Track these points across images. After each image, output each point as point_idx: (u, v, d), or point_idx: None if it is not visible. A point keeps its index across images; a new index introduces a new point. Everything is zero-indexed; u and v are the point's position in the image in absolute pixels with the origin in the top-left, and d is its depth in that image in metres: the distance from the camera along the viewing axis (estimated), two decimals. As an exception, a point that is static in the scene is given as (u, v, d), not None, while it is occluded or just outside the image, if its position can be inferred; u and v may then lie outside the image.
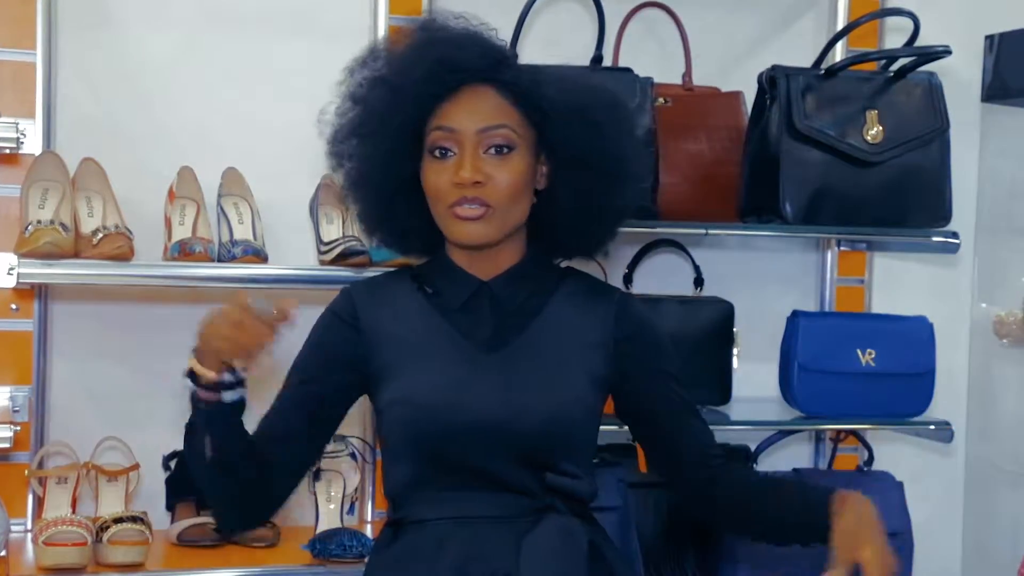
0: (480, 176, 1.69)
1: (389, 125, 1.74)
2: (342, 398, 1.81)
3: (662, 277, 2.64)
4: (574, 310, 1.81)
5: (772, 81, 2.44)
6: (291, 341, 1.89)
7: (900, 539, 2.49)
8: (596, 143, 1.76)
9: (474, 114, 1.72)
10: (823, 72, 2.45)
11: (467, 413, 1.70)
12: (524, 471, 1.73)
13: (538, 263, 1.84)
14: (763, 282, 2.76)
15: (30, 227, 2.12)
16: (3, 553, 2.16)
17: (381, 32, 2.47)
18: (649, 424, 1.84)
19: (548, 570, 1.69)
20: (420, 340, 1.76)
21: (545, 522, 1.71)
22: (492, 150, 1.71)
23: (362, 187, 1.81)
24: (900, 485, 2.55)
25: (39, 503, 2.29)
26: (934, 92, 2.47)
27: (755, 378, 2.63)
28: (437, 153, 1.72)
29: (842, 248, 2.80)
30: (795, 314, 2.52)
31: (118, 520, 2.18)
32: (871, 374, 2.47)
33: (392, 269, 1.94)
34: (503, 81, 1.74)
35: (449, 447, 1.71)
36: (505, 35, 2.33)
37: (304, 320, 2.48)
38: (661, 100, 2.52)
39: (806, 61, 2.51)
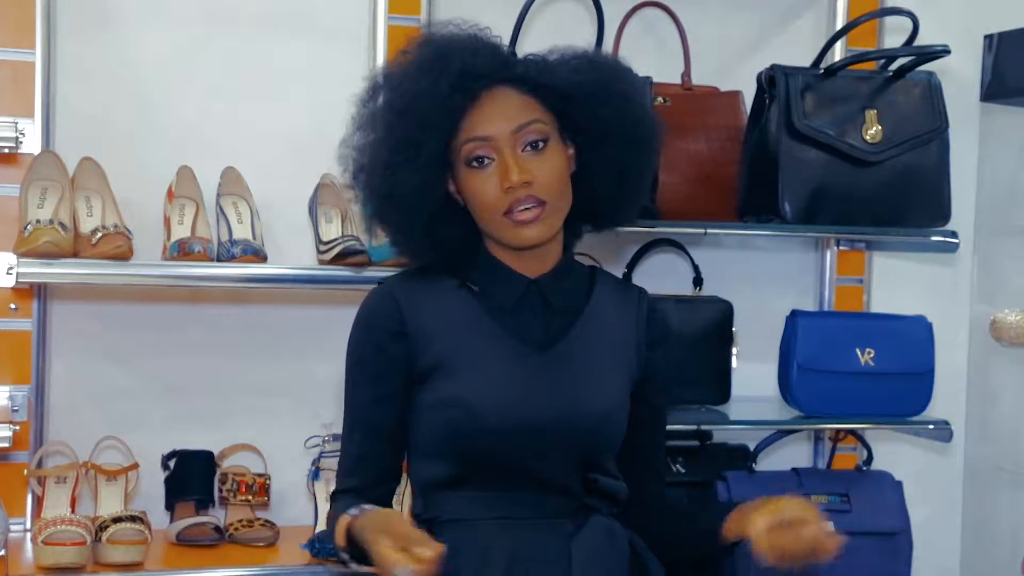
0: (528, 176, 1.68)
1: (422, 151, 1.70)
2: (409, 404, 1.77)
3: (661, 276, 2.64)
4: (610, 310, 1.82)
5: (771, 80, 2.44)
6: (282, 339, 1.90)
7: (899, 538, 2.49)
8: (620, 114, 1.76)
9: (503, 117, 1.70)
10: (822, 71, 2.45)
11: (522, 414, 1.69)
12: (569, 472, 1.72)
13: (573, 260, 1.84)
14: (762, 281, 2.76)
15: (29, 226, 2.12)
16: (2, 553, 2.15)
17: (380, 31, 2.47)
18: (638, 427, 1.81)
19: (597, 572, 1.70)
20: (469, 340, 1.74)
21: (591, 524, 1.72)
22: (528, 148, 1.70)
23: (398, 216, 1.76)
24: (899, 484, 2.55)
25: (38, 502, 2.29)
26: (933, 91, 2.47)
27: (754, 377, 2.63)
28: (475, 163, 1.70)
29: (841, 248, 2.80)
30: (794, 313, 2.52)
31: (117, 519, 2.18)
32: (870, 373, 2.47)
33: (416, 266, 1.86)
34: (518, 77, 1.73)
35: (498, 448, 1.69)
36: (505, 35, 2.34)
37: (305, 322, 2.51)
38: (660, 99, 2.52)
39: (805, 60, 2.50)
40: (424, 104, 1.69)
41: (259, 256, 2.25)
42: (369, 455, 1.76)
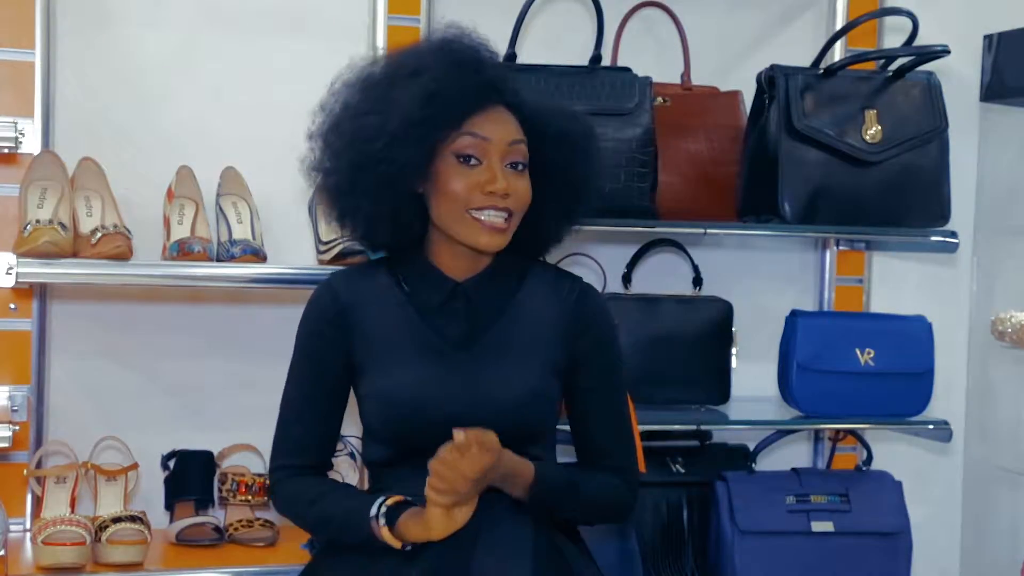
0: (510, 188, 1.82)
1: (428, 135, 1.80)
2: (349, 383, 1.93)
3: (661, 277, 2.64)
4: (538, 303, 1.93)
5: (771, 80, 2.44)
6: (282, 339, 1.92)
7: (899, 538, 2.49)
8: (583, 167, 1.92)
9: (504, 127, 1.84)
10: (822, 71, 2.45)
11: (437, 408, 1.82)
12: None
13: (505, 260, 1.93)
14: (762, 281, 2.76)
15: (29, 226, 2.12)
16: (2, 552, 2.15)
17: (380, 31, 2.47)
18: (576, 411, 1.95)
19: (499, 547, 1.78)
20: (397, 336, 1.88)
21: (497, 503, 1.79)
22: (509, 165, 1.83)
23: (371, 189, 1.83)
24: (899, 485, 2.55)
25: (38, 502, 2.29)
26: (933, 91, 2.47)
27: (754, 377, 2.63)
28: (462, 159, 1.82)
29: (841, 247, 2.80)
30: (794, 313, 2.52)
31: (117, 519, 2.18)
32: (870, 373, 2.47)
33: (367, 261, 2.01)
34: (516, 105, 1.86)
35: (421, 437, 1.80)
36: (504, 35, 2.34)
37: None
38: (660, 99, 2.52)
39: (805, 60, 2.50)
40: (447, 96, 1.79)
41: (259, 256, 2.25)
42: (308, 435, 1.92)
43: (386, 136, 1.80)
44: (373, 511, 1.76)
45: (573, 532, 1.95)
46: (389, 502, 1.77)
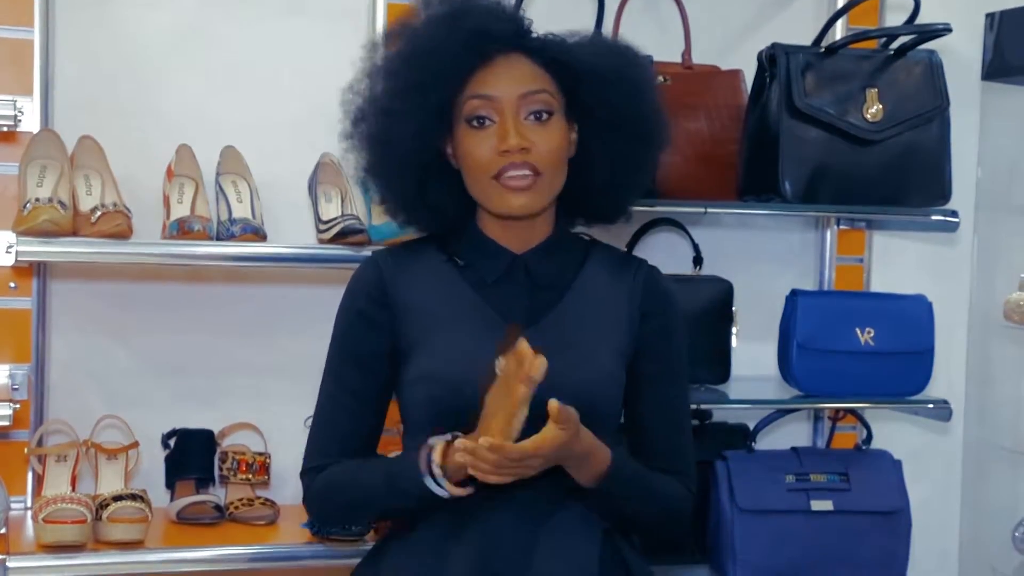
0: (526, 142, 1.67)
1: (424, 100, 1.69)
2: (394, 371, 1.78)
3: (661, 256, 2.62)
4: (603, 283, 1.80)
5: (772, 59, 2.43)
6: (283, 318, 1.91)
7: (898, 517, 2.50)
8: (631, 104, 1.75)
9: (513, 80, 1.69)
10: (823, 50, 2.44)
11: None
12: None
13: (566, 235, 1.83)
14: (762, 261, 2.76)
15: (28, 205, 2.12)
16: (3, 531, 2.16)
17: (380, 11, 2.46)
18: (632, 402, 1.80)
19: (563, 557, 1.67)
20: (451, 313, 1.74)
21: (566, 509, 1.69)
22: (532, 116, 1.69)
23: (391, 168, 1.76)
24: (898, 464, 2.55)
25: (39, 481, 2.29)
26: (934, 70, 2.47)
27: (754, 357, 2.63)
28: (475, 123, 1.69)
29: (841, 227, 2.80)
30: (794, 293, 2.52)
31: (118, 498, 2.18)
32: (870, 353, 2.47)
33: (413, 239, 1.88)
34: (534, 48, 1.72)
35: (476, 423, 1.63)
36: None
37: (304, 301, 2.50)
38: (660, 78, 2.51)
39: (806, 39, 2.50)
40: (433, 55, 1.68)
41: (258, 235, 2.24)
42: (356, 417, 1.77)
43: (379, 111, 1.71)
44: (432, 441, 1.61)
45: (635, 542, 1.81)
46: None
